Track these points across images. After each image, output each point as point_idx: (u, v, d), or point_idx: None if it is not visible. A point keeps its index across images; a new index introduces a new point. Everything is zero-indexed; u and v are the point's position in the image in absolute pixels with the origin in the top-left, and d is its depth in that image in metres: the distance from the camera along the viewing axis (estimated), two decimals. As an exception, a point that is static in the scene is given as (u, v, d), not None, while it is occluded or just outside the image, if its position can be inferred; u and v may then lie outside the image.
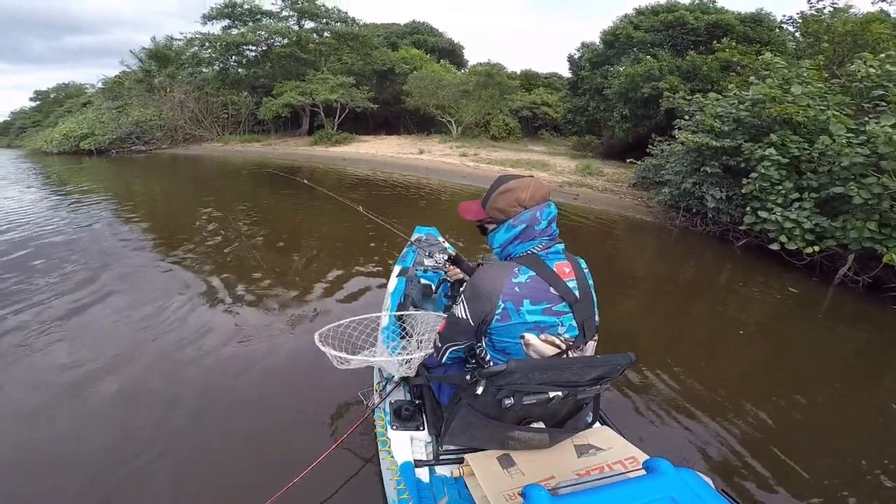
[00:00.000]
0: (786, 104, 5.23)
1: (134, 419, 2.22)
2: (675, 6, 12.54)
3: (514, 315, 1.23)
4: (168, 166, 15.27)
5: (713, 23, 11.24)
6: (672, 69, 9.94)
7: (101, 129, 20.36)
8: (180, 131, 21.30)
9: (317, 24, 22.42)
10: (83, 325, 3.20)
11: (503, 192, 1.31)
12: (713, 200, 5.87)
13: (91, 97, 28.97)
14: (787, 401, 2.63)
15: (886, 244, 4.14)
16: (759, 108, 5.63)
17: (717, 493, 1.02)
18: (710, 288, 4.85)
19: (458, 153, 13.75)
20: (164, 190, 10.29)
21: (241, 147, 19.11)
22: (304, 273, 4.49)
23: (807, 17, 8.94)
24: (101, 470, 1.91)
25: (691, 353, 3.28)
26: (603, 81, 12.04)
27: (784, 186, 4.97)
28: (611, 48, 13.29)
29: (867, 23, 8.08)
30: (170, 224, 6.62)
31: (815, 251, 4.57)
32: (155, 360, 2.76)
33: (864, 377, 3.17)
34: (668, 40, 11.80)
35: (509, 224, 1.29)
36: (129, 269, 4.36)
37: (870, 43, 7.65)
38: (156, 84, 23.08)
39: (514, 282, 1.22)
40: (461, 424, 1.29)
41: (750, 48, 9.88)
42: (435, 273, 2.53)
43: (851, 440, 2.38)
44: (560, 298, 1.24)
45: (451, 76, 20.09)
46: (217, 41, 20.90)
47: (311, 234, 6.19)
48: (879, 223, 4.20)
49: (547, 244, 1.29)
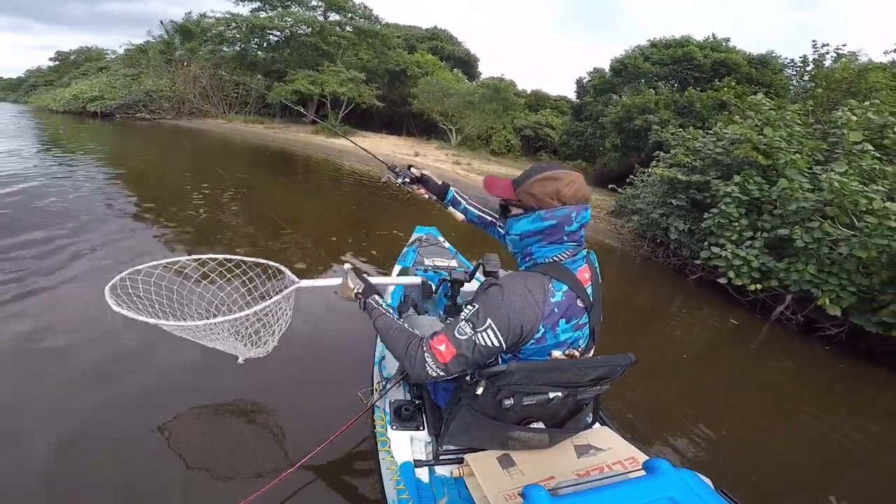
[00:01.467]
0: (753, 146, 5.16)
1: (111, 405, 2.09)
2: (688, 42, 12.57)
3: (550, 337, 1.13)
4: (168, 135, 15.34)
5: (720, 61, 11.27)
6: (669, 103, 9.91)
7: (112, 93, 20.56)
8: (187, 104, 21.45)
9: (341, 17, 22.65)
10: (51, 296, 3.02)
11: (544, 179, 1.15)
12: (675, 232, 5.82)
13: (110, 62, 29.30)
14: (712, 417, 2.83)
15: (822, 287, 4.13)
16: (732, 147, 5.57)
17: (717, 493, 1.02)
18: (660, 315, 4.89)
19: (452, 160, 13.79)
20: (156, 155, 10.36)
21: (243, 126, 19.23)
22: (292, 252, 4.46)
23: (806, 61, 8.90)
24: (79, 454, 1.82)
25: (637, 371, 3.36)
26: (603, 109, 12.03)
27: (740, 224, 4.90)
28: (618, 76, 13.33)
29: (864, 71, 8.05)
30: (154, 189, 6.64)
31: (758, 289, 4.56)
32: (140, 346, 2.57)
33: (783, 403, 3.32)
34: (674, 74, 11.79)
35: (539, 215, 1.15)
36: (106, 234, 4.29)
37: (863, 91, 7.60)
38: (175, 57, 23.33)
39: (552, 302, 1.11)
40: (461, 424, 1.28)
41: (750, 89, 9.83)
42: (435, 273, 2.46)
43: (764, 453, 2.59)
44: (584, 309, 1.17)
45: (461, 85, 20.17)
46: (244, 22, 21.12)
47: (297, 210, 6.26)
48: (818, 268, 4.14)
49: (574, 251, 1.19)
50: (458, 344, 1.11)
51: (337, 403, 2.19)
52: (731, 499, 1.03)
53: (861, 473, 2.61)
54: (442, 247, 3.02)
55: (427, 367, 1.13)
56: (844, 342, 4.22)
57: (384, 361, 1.91)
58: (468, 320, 1.11)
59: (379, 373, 1.92)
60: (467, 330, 1.11)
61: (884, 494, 2.41)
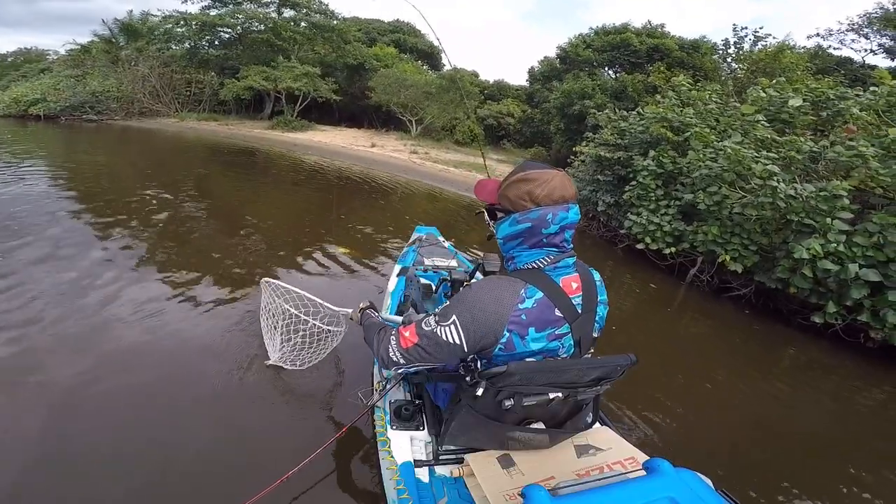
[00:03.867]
0: (666, 124, 5.66)
1: (116, 416, 2.08)
2: (626, 28, 13.17)
3: (518, 345, 1.12)
4: (116, 137, 14.91)
5: (654, 47, 11.88)
6: (605, 88, 10.46)
7: (55, 95, 19.66)
8: (137, 104, 20.78)
9: (296, 13, 22.34)
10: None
11: (517, 181, 1.14)
12: (603, 205, 6.29)
13: (51, 64, 27.90)
14: (632, 380, 2.92)
15: (726, 247, 4.55)
16: (650, 126, 6.08)
17: (717, 493, 1.02)
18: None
19: (410, 150, 13.99)
20: (105, 156, 10.16)
21: (196, 124, 18.84)
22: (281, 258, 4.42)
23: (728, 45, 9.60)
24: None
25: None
26: (548, 95, 12.53)
27: (656, 194, 5.37)
28: (563, 63, 13.80)
29: (779, 52, 8.76)
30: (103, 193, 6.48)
31: (673, 252, 4.99)
32: (136, 349, 2.59)
33: (695, 359, 3.64)
34: (613, 61, 12.37)
35: (514, 218, 1.14)
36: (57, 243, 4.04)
37: (777, 70, 8.28)
38: (122, 57, 22.46)
39: (520, 308, 1.09)
40: (461, 425, 1.27)
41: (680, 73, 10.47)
42: (435, 273, 2.48)
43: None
44: (563, 320, 1.14)
45: (420, 77, 20.32)
46: (193, 20, 20.56)
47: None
48: (721, 229, 4.61)
49: (556, 257, 1.15)
50: (421, 334, 1.15)
51: (337, 404, 2.25)
52: (731, 499, 1.03)
53: (770, 429, 2.73)
54: (442, 247, 3.04)
55: (390, 349, 1.21)
56: (755, 303, 4.62)
57: None
58: (437, 314, 1.15)
59: (379, 373, 1.91)
60: (432, 323, 1.14)
61: (795, 452, 2.54)
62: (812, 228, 4.04)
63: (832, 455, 2.58)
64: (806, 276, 3.94)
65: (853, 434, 2.85)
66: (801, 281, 4.01)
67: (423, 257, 2.78)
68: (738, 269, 4.48)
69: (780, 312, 4.50)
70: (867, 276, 3.68)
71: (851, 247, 3.85)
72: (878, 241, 3.79)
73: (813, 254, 3.82)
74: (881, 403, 3.34)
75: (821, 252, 3.81)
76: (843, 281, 3.80)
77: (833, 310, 3.87)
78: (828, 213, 3.99)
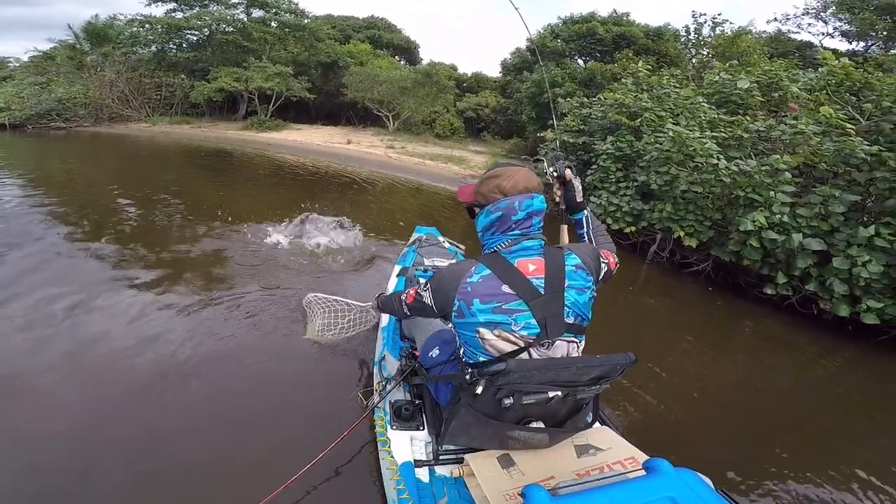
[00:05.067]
0: (623, 109, 5.87)
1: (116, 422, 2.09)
2: (592, 17, 13.39)
3: (466, 313, 1.26)
4: (87, 144, 14.64)
5: (620, 34, 12.12)
6: (574, 76, 10.68)
7: (20, 104, 19.14)
8: (106, 110, 20.36)
9: (265, 14, 22.09)
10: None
11: (489, 178, 1.33)
12: (568, 189, 6.47)
13: (13, 71, 27.05)
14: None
15: (681, 224, 4.76)
16: (609, 112, 6.28)
17: (717, 493, 1.03)
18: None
19: (386, 145, 14.04)
20: (78, 163, 9.98)
21: (168, 128, 18.58)
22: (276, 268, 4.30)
23: (688, 30, 9.88)
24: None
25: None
26: (519, 86, 12.72)
27: (616, 176, 5.57)
28: (533, 54, 13.96)
29: (737, 37, 9.06)
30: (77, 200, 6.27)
31: (633, 230, 5.20)
32: (142, 356, 2.58)
33: (656, 337, 3.76)
34: (580, 50, 12.59)
35: (487, 210, 1.32)
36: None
37: (734, 54, 8.56)
38: (87, 62, 21.94)
39: (466, 281, 1.26)
40: (461, 424, 1.29)
41: (645, 59, 10.73)
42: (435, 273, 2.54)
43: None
44: (515, 296, 1.23)
45: (395, 72, 20.32)
46: (159, 23, 20.20)
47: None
48: (674, 206, 4.82)
49: (516, 239, 1.30)
50: (416, 295, 1.45)
51: (337, 405, 2.24)
52: (731, 499, 1.04)
53: (726, 405, 2.82)
54: (442, 247, 3.07)
55: (403, 305, 1.54)
56: (714, 278, 4.80)
57: (384, 362, 1.93)
58: (425, 283, 1.44)
59: (379, 373, 1.92)
60: (422, 287, 1.44)
61: (747, 426, 2.63)
62: (758, 202, 4.26)
63: (788, 428, 2.66)
64: (754, 247, 4.16)
65: (808, 406, 2.95)
66: (751, 252, 4.22)
67: (423, 257, 2.83)
68: (693, 244, 4.69)
69: (739, 287, 4.69)
70: (810, 245, 3.90)
71: (796, 218, 4.07)
72: (821, 212, 4.02)
73: (758, 225, 4.04)
74: (834, 374, 3.48)
75: (765, 223, 4.03)
76: (790, 251, 4.01)
77: (783, 280, 4.08)
78: (772, 186, 4.21)
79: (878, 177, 3.79)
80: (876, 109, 4.55)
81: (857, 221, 3.89)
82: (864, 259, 3.56)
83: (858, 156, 3.94)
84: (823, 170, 4.38)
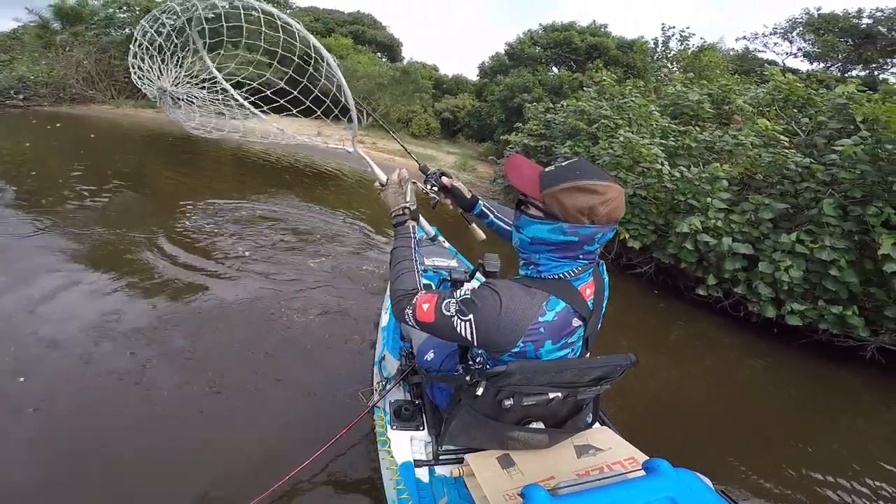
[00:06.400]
0: (582, 116, 6.00)
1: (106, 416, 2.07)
2: (571, 26, 13.65)
3: (531, 355, 1.10)
4: (43, 123, 14.02)
5: (594, 45, 12.39)
6: (545, 83, 10.89)
7: (-24, 81, 18.27)
8: (69, 90, 19.63)
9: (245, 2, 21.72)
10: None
11: (579, 190, 1.00)
12: (526, 191, 6.60)
13: (-26, 47, 25.79)
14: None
15: (626, 227, 4.89)
16: (570, 118, 6.41)
17: (717, 493, 1.03)
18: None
19: (357, 140, 13.90)
20: (31, 145, 9.47)
21: (132, 112, 18.03)
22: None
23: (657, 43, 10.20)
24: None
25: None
26: (493, 89, 12.86)
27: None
28: (511, 59, 14.14)
29: (700, 52, 9.39)
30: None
31: (581, 233, 5.30)
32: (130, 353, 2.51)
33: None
34: (556, 58, 12.82)
35: (561, 227, 1.03)
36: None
37: (696, 68, 8.86)
38: (56, 42, 21.09)
39: (540, 321, 1.06)
40: (461, 425, 1.27)
41: (616, 70, 11.01)
42: (435, 273, 2.47)
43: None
44: (581, 325, 1.14)
45: (374, 68, 20.23)
46: (137, 5, 19.61)
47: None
48: (621, 209, 4.94)
49: (585, 268, 1.11)
50: (439, 315, 1.11)
51: (337, 404, 2.23)
52: (731, 499, 1.03)
53: (652, 403, 2.89)
54: (442, 247, 2.97)
55: (406, 313, 1.18)
56: (656, 280, 4.95)
57: (384, 362, 1.92)
58: (459, 302, 1.10)
59: (379, 373, 1.90)
60: (453, 310, 1.09)
61: (673, 424, 2.70)
62: (697, 207, 4.40)
63: (711, 425, 2.76)
64: (689, 249, 4.30)
65: (732, 405, 3.07)
66: (687, 255, 4.36)
67: (423, 257, 2.80)
68: (636, 246, 4.82)
69: (679, 289, 4.84)
70: (738, 249, 4.07)
71: (730, 223, 4.23)
72: (752, 219, 4.18)
73: (693, 228, 4.18)
74: (758, 374, 3.64)
75: (700, 227, 4.17)
76: (720, 254, 4.16)
77: (713, 282, 4.24)
78: (710, 193, 4.36)
79: (804, 187, 3.96)
80: (812, 123, 4.76)
81: (785, 230, 4.06)
82: (786, 264, 3.72)
83: (790, 167, 4.11)
84: (759, 180, 4.56)
